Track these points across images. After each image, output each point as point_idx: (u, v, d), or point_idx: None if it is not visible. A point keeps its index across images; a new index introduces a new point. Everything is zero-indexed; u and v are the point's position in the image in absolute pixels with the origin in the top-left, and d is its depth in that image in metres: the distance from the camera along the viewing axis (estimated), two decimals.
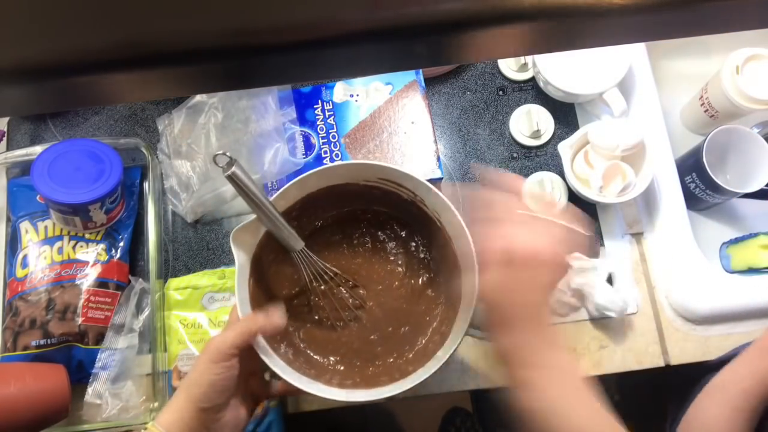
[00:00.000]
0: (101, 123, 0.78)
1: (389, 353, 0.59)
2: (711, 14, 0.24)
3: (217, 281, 0.70)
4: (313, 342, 0.60)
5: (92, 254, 0.68)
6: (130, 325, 0.67)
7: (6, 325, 0.65)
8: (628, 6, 0.23)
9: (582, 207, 0.73)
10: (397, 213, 0.63)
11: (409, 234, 0.63)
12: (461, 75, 0.78)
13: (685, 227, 0.69)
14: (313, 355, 0.59)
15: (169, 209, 0.74)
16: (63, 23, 0.22)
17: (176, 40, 0.22)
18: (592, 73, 0.70)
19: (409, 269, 0.63)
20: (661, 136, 0.72)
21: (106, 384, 0.65)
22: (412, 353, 0.59)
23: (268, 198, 0.50)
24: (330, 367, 0.58)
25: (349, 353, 0.59)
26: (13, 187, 0.72)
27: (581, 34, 0.25)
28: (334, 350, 0.59)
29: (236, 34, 0.23)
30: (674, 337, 0.69)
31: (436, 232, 0.58)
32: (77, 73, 0.23)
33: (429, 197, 0.56)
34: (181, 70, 0.24)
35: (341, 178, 0.57)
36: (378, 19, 0.23)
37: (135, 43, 0.22)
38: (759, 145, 0.69)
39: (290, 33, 0.23)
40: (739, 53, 0.69)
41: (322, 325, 0.61)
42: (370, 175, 0.57)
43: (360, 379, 0.57)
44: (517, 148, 0.75)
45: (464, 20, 0.23)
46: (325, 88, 0.71)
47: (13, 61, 0.22)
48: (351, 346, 0.60)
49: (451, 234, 0.57)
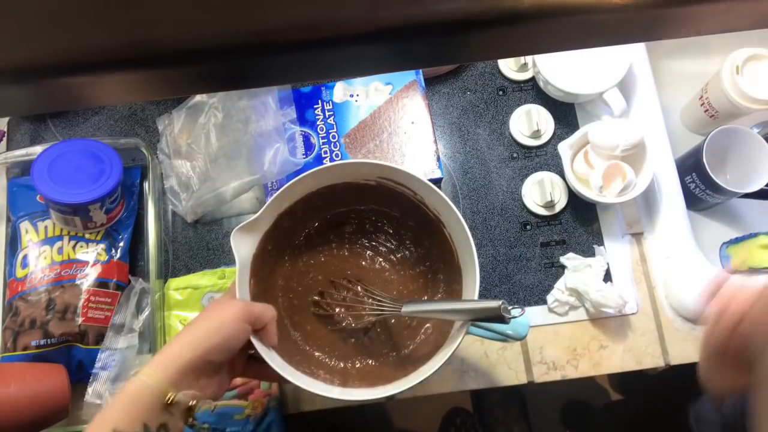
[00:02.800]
0: (101, 123, 0.78)
1: (389, 352, 0.59)
2: (711, 14, 0.24)
3: (217, 281, 0.70)
4: (311, 339, 0.60)
5: (92, 254, 0.68)
6: (130, 325, 0.67)
7: (6, 325, 0.65)
8: (628, 6, 0.23)
9: (582, 207, 0.73)
10: (397, 212, 0.63)
11: (410, 233, 0.63)
12: (461, 75, 0.78)
13: (685, 227, 0.69)
14: (314, 352, 0.59)
15: (169, 209, 0.74)
16: (63, 23, 0.22)
17: (177, 40, 0.22)
18: (592, 73, 0.70)
19: (409, 268, 0.63)
20: (661, 136, 0.72)
21: (106, 384, 0.65)
22: (412, 352, 0.59)
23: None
24: (329, 365, 0.59)
25: (349, 352, 0.59)
26: (13, 187, 0.72)
27: (581, 34, 0.25)
28: (333, 348, 0.60)
29: (235, 34, 0.23)
30: (674, 337, 0.69)
31: (437, 232, 0.59)
32: (77, 73, 0.23)
33: (429, 196, 0.56)
34: (181, 71, 0.24)
35: (339, 177, 0.57)
36: (378, 19, 0.23)
37: (135, 43, 0.22)
38: (759, 145, 0.69)
39: (290, 33, 0.23)
40: (739, 53, 0.69)
41: (322, 323, 0.61)
42: (370, 173, 0.57)
43: (359, 378, 0.57)
44: (517, 148, 0.75)
45: (464, 20, 0.23)
46: (325, 88, 0.71)
47: (13, 61, 0.22)
48: (350, 344, 0.60)
49: (451, 232, 0.57)
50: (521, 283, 0.71)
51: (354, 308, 0.60)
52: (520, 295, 0.70)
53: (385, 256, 0.63)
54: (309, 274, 0.62)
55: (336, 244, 0.63)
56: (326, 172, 0.55)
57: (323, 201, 0.60)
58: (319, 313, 0.60)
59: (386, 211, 0.63)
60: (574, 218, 0.73)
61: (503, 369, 0.69)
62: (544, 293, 0.70)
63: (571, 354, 0.69)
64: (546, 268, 0.71)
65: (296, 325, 0.60)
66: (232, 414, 0.64)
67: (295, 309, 0.61)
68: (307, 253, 0.63)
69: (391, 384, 0.52)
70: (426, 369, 0.51)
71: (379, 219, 0.64)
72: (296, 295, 0.61)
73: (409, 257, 0.63)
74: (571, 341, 0.69)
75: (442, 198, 0.54)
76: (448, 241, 0.58)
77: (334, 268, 0.62)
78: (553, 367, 0.69)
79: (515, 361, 0.69)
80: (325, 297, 0.61)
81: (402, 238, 0.63)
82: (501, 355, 0.69)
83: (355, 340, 0.60)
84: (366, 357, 0.59)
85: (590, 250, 0.71)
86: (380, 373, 0.56)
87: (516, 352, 0.69)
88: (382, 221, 0.64)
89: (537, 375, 0.68)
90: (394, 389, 0.51)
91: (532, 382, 0.69)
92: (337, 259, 0.63)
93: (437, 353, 0.53)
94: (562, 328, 0.70)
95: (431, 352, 0.54)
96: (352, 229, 0.64)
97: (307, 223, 0.62)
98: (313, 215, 0.62)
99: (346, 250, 0.63)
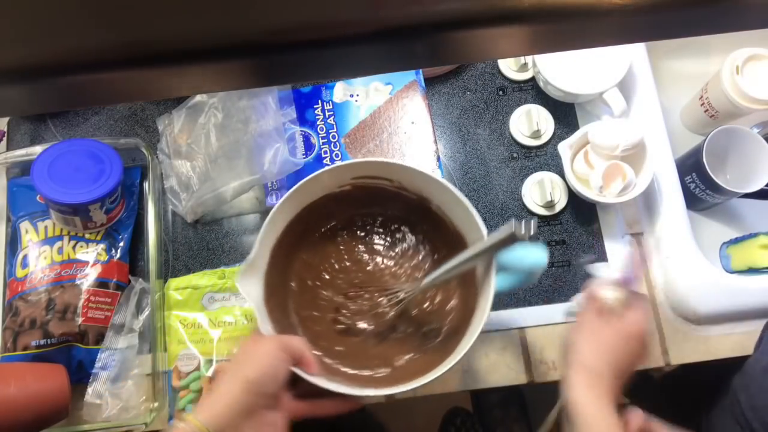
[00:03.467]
0: (101, 123, 0.78)
1: (422, 344, 0.60)
2: (711, 14, 0.24)
3: (217, 281, 0.70)
4: (345, 358, 0.60)
5: (92, 254, 0.68)
6: (130, 325, 0.67)
7: (6, 325, 0.65)
8: (627, 6, 0.23)
9: (582, 207, 0.73)
10: (380, 209, 0.64)
11: (398, 224, 0.65)
12: (461, 75, 0.78)
13: (685, 227, 0.69)
14: (348, 369, 0.59)
15: (169, 209, 0.74)
16: (63, 22, 0.22)
17: (177, 39, 0.22)
18: (592, 73, 0.70)
19: (410, 257, 0.64)
20: (661, 136, 0.72)
21: (106, 384, 0.65)
22: (430, 348, 0.60)
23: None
24: (372, 376, 0.59)
25: (383, 354, 0.60)
26: (13, 187, 0.72)
27: (581, 34, 0.25)
28: (367, 358, 0.60)
29: (235, 34, 0.23)
30: (674, 337, 0.69)
31: (425, 210, 0.60)
32: (77, 73, 0.23)
33: (405, 179, 0.57)
34: (181, 71, 0.24)
35: (315, 192, 0.58)
36: (378, 19, 0.23)
37: (136, 42, 0.22)
38: (759, 145, 0.69)
39: (290, 33, 0.23)
40: (739, 53, 0.69)
41: (348, 337, 0.61)
42: (343, 178, 0.58)
43: (404, 372, 0.57)
44: (517, 148, 0.75)
45: (464, 20, 0.23)
46: (325, 88, 0.71)
47: (13, 61, 0.22)
48: (383, 346, 0.60)
49: (438, 203, 0.58)
50: None
51: (374, 308, 0.60)
52: (521, 295, 0.70)
53: (384, 254, 0.64)
54: (319, 296, 0.63)
55: (335, 258, 0.64)
56: (300, 194, 0.56)
57: (306, 222, 0.60)
58: (342, 328, 0.61)
59: (370, 211, 0.64)
60: (574, 218, 0.73)
61: (503, 369, 0.69)
62: (544, 293, 0.70)
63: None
64: (546, 268, 0.71)
65: (326, 350, 0.60)
66: None
67: (320, 335, 0.61)
68: (310, 276, 0.63)
69: (435, 369, 0.53)
70: (443, 365, 0.51)
71: (366, 222, 0.64)
72: (315, 322, 0.62)
73: (407, 248, 0.64)
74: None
75: (414, 170, 0.55)
76: (438, 213, 0.58)
77: (341, 282, 0.63)
78: (553, 367, 0.69)
79: (515, 361, 0.69)
80: (341, 312, 0.61)
81: (393, 232, 0.64)
82: (501, 355, 0.69)
83: (385, 341, 0.60)
84: (402, 353, 0.59)
85: (590, 250, 0.71)
86: (423, 362, 0.57)
87: (516, 352, 0.69)
88: (370, 223, 0.64)
89: (537, 375, 0.68)
90: (442, 369, 0.51)
91: (532, 382, 0.69)
92: (342, 272, 0.63)
93: (455, 349, 0.53)
94: (562, 328, 0.70)
95: (450, 349, 0.55)
96: (345, 239, 0.64)
97: (301, 248, 0.63)
98: (303, 238, 0.62)
99: (346, 261, 0.64)
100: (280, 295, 0.59)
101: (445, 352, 0.55)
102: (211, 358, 0.65)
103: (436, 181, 0.54)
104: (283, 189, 0.68)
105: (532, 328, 0.70)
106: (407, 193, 0.59)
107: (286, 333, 0.56)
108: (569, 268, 0.71)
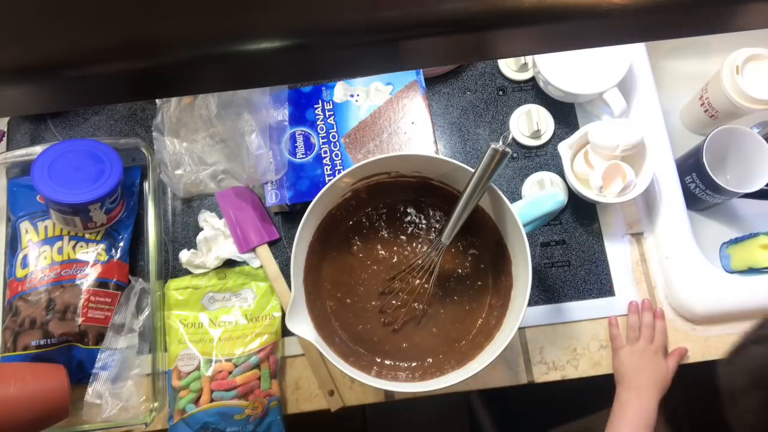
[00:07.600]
0: (101, 123, 0.78)
1: (443, 345, 0.61)
2: (711, 14, 0.24)
3: (218, 281, 0.70)
4: (399, 350, 0.61)
5: (92, 254, 0.68)
6: (130, 325, 0.67)
7: (6, 325, 0.65)
8: (627, 6, 0.23)
9: (582, 207, 0.73)
10: (407, 196, 0.65)
11: (428, 209, 0.65)
12: (461, 75, 0.78)
13: (685, 227, 0.69)
14: (403, 363, 0.61)
15: (169, 209, 0.74)
16: (63, 22, 0.22)
17: (178, 39, 0.22)
18: (592, 73, 0.70)
19: (459, 267, 0.64)
20: (661, 136, 0.72)
21: (106, 384, 0.65)
22: (465, 344, 0.61)
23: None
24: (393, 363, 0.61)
25: (426, 345, 0.61)
26: (13, 187, 0.72)
27: (581, 34, 0.25)
28: (419, 352, 0.61)
29: (234, 34, 0.23)
30: (674, 337, 0.69)
31: (485, 228, 0.61)
32: (77, 73, 0.23)
33: (436, 170, 0.59)
34: (182, 71, 0.24)
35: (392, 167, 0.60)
36: (378, 19, 0.23)
37: (134, 42, 0.22)
38: (759, 145, 0.68)
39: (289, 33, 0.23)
40: (739, 53, 0.69)
41: (397, 330, 0.62)
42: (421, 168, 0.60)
43: (422, 371, 0.59)
44: (517, 148, 0.75)
45: (464, 20, 0.23)
46: (325, 88, 0.71)
47: (14, 61, 0.22)
48: (404, 340, 0.62)
49: (497, 222, 0.59)
50: None
51: (413, 291, 0.61)
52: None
53: (401, 242, 0.65)
54: (362, 308, 0.63)
55: (359, 268, 0.64)
56: (309, 223, 0.57)
57: (322, 242, 0.61)
58: (395, 327, 0.62)
59: (374, 205, 0.65)
60: (574, 218, 0.73)
61: (503, 369, 0.69)
62: (544, 293, 0.70)
63: (571, 354, 0.69)
64: (546, 268, 0.71)
65: (389, 354, 0.61)
66: (232, 414, 0.64)
67: (382, 341, 0.62)
68: (343, 292, 0.63)
69: (447, 375, 0.55)
70: (483, 359, 0.54)
71: (373, 217, 0.66)
72: (371, 333, 0.62)
73: (419, 224, 0.65)
74: (571, 341, 0.69)
75: (412, 156, 0.58)
76: (437, 185, 0.61)
77: (375, 286, 0.63)
78: (553, 367, 0.69)
79: (515, 361, 0.69)
80: (386, 312, 0.62)
81: (400, 216, 0.65)
82: (501, 355, 0.69)
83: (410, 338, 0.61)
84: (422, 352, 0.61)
85: (590, 250, 0.71)
86: (467, 353, 0.58)
87: (516, 352, 0.69)
88: (377, 218, 0.66)
89: (537, 375, 0.69)
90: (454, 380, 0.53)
91: (532, 382, 0.69)
92: (372, 278, 0.64)
93: (488, 346, 0.56)
94: (562, 328, 0.70)
95: (483, 344, 0.57)
96: (360, 245, 0.65)
97: (324, 270, 0.63)
98: (324, 259, 0.63)
99: (371, 266, 0.64)
100: (324, 318, 0.61)
101: (485, 340, 0.58)
102: (211, 358, 0.65)
103: (433, 158, 0.57)
104: (282, 188, 0.68)
105: (532, 328, 0.70)
106: (406, 178, 0.61)
107: (351, 356, 0.58)
108: (569, 268, 0.71)
